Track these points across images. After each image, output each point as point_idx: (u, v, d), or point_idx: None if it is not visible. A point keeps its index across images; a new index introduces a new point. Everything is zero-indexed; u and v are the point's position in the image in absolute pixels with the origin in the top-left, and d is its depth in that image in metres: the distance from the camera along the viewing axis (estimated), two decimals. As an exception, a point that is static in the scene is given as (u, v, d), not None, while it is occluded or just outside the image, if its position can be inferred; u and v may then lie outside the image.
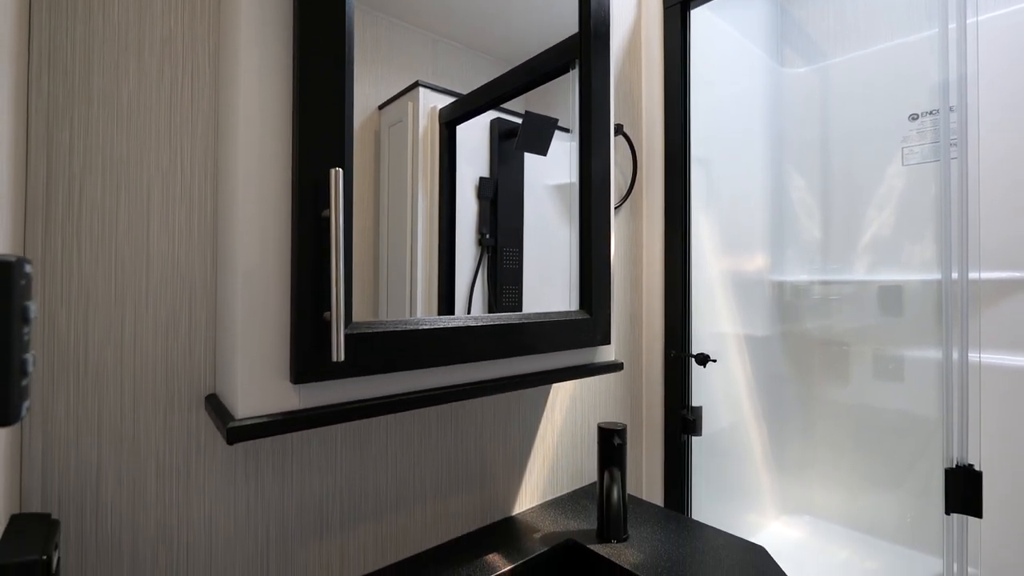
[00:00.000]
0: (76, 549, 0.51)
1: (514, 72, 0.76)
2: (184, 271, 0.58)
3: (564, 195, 0.83)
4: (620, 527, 0.76)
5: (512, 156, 0.77)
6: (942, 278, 1.18)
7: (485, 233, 0.73)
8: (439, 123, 0.69)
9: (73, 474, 0.51)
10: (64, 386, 0.51)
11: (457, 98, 0.70)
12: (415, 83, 0.67)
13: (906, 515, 1.41)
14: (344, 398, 0.55)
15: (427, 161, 0.68)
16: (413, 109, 0.67)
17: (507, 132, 0.76)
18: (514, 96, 0.77)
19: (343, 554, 0.70)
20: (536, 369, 0.75)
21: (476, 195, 0.72)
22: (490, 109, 0.74)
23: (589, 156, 0.81)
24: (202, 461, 0.59)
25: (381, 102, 0.63)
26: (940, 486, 0.92)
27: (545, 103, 0.80)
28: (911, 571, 1.30)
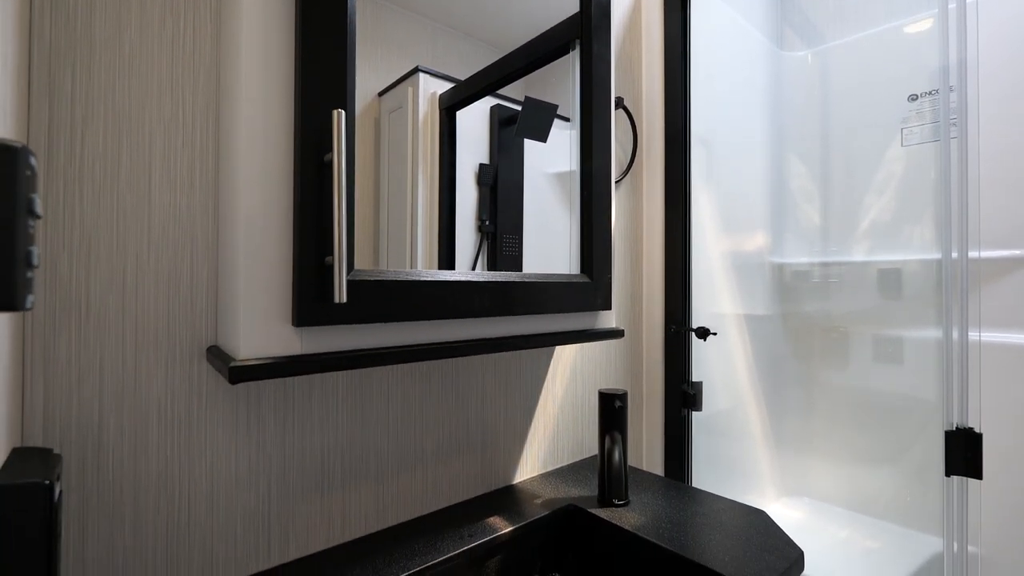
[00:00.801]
0: (78, 493, 0.51)
1: (514, 54, 0.76)
2: (186, 223, 0.58)
3: (564, 183, 0.83)
4: (621, 489, 0.76)
5: (512, 143, 0.77)
6: (942, 257, 1.18)
7: (485, 220, 0.73)
8: (439, 109, 0.69)
9: (75, 419, 0.51)
10: (66, 331, 0.51)
11: (457, 84, 0.70)
12: (415, 68, 0.67)
13: (906, 495, 1.41)
14: (346, 346, 0.55)
15: (427, 147, 0.67)
16: (413, 95, 0.67)
17: (507, 119, 0.77)
18: (514, 79, 0.77)
19: (344, 513, 0.70)
20: (537, 331, 0.75)
21: (476, 182, 0.72)
22: (490, 93, 0.74)
23: (590, 124, 0.81)
24: (204, 413, 0.59)
25: (381, 89, 0.63)
26: (940, 467, 0.93)
27: (544, 91, 0.80)
28: (911, 550, 1.30)
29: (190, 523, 0.58)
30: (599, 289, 0.81)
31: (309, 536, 0.67)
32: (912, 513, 1.40)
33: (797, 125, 1.68)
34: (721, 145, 1.41)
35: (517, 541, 0.75)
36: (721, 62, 1.44)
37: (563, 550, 0.80)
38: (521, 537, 0.75)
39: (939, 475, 0.95)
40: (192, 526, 0.58)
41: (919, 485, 1.39)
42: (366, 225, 0.60)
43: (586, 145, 0.81)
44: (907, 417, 1.43)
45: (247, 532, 0.62)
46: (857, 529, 1.41)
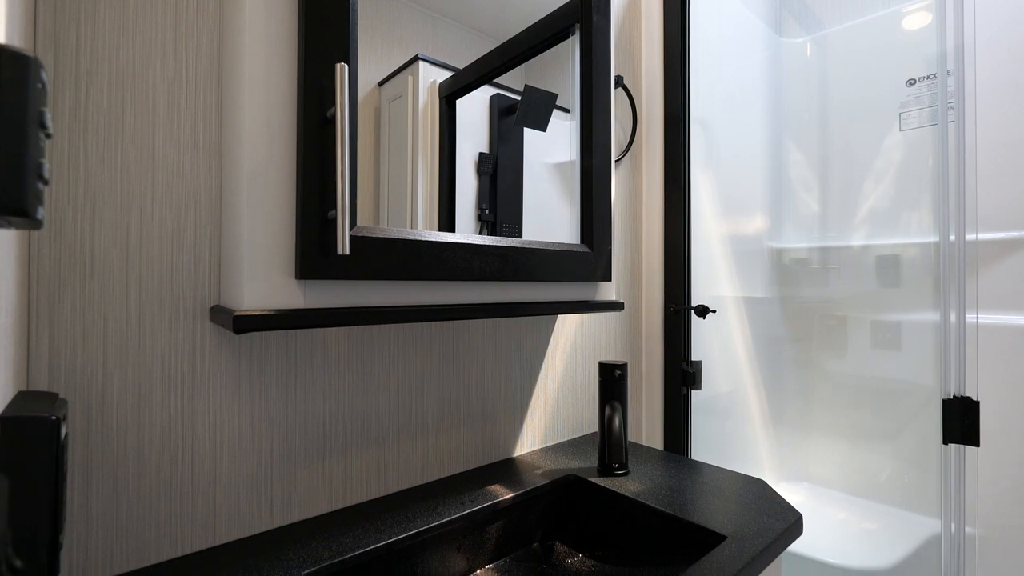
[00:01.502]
0: (83, 446, 0.52)
1: (514, 40, 0.76)
2: (189, 182, 0.58)
3: (563, 173, 0.83)
4: (621, 456, 0.77)
5: (511, 133, 0.77)
6: (939, 240, 1.19)
7: (485, 208, 0.73)
8: (439, 97, 0.69)
9: (79, 373, 0.52)
10: (70, 285, 0.51)
11: (457, 72, 0.71)
12: (415, 57, 0.67)
13: (904, 478, 1.42)
14: (347, 302, 0.55)
15: (427, 136, 0.68)
16: (413, 83, 0.67)
17: (507, 108, 0.77)
18: (514, 66, 0.77)
19: (346, 478, 0.70)
20: (537, 299, 0.75)
21: (476, 171, 0.73)
22: (490, 80, 0.74)
23: (590, 95, 0.82)
24: (206, 372, 0.59)
25: (381, 79, 0.63)
26: (938, 450, 0.93)
27: (544, 81, 0.81)
28: (910, 531, 1.31)
29: (193, 480, 0.58)
30: (599, 259, 0.81)
31: (311, 499, 0.67)
32: (910, 495, 1.41)
33: (796, 112, 1.68)
34: (720, 129, 1.42)
35: (517, 508, 0.75)
36: (720, 47, 1.44)
37: (564, 519, 0.80)
38: (522, 504, 0.76)
39: (937, 458, 0.96)
40: (195, 483, 0.58)
41: (917, 469, 1.40)
42: (366, 213, 0.61)
43: (586, 116, 0.82)
44: (905, 402, 1.43)
45: (250, 492, 0.62)
46: (855, 511, 1.42)
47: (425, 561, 0.65)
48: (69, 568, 0.51)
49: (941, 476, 0.86)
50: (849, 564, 1.16)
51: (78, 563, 0.51)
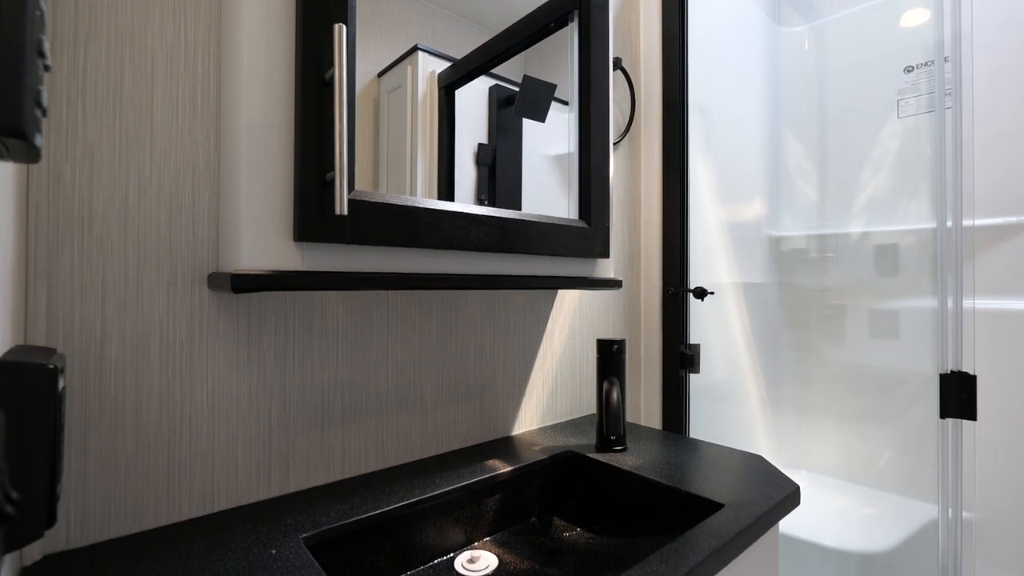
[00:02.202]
0: (80, 406, 0.52)
1: (513, 28, 0.76)
2: (188, 147, 0.58)
3: (562, 165, 0.83)
4: (619, 427, 0.77)
5: (511, 124, 0.77)
6: (937, 226, 1.19)
7: (483, 199, 0.73)
8: (438, 87, 0.69)
9: (77, 333, 0.52)
10: (69, 243, 0.51)
11: (456, 62, 0.70)
12: (414, 47, 0.67)
13: (903, 466, 1.42)
14: (345, 267, 0.55)
15: (426, 126, 0.68)
16: (412, 73, 0.67)
17: (505, 99, 0.77)
18: (513, 54, 0.77)
19: (344, 450, 0.70)
20: (535, 272, 0.75)
21: (475, 161, 0.72)
22: (489, 69, 0.74)
23: (589, 70, 0.82)
24: (205, 338, 0.59)
25: (380, 70, 0.63)
26: (936, 434, 0.93)
27: (543, 72, 0.81)
28: (908, 516, 1.31)
29: (191, 445, 0.58)
30: (597, 235, 0.81)
31: (309, 469, 0.67)
32: (908, 482, 1.41)
33: (794, 100, 1.68)
34: (718, 116, 1.42)
35: (515, 482, 0.75)
36: (719, 35, 1.45)
37: (562, 494, 0.80)
38: (520, 479, 0.76)
39: (935, 438, 0.96)
40: (193, 448, 0.58)
41: (916, 455, 1.40)
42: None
43: (584, 92, 0.82)
44: (903, 389, 1.44)
45: (248, 460, 0.62)
46: (854, 498, 1.42)
47: (423, 531, 0.65)
48: (67, 530, 0.51)
49: (938, 450, 0.86)
50: (848, 547, 1.16)
51: (76, 525, 0.51)
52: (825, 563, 1.17)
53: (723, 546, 0.53)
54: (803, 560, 1.20)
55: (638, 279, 1.19)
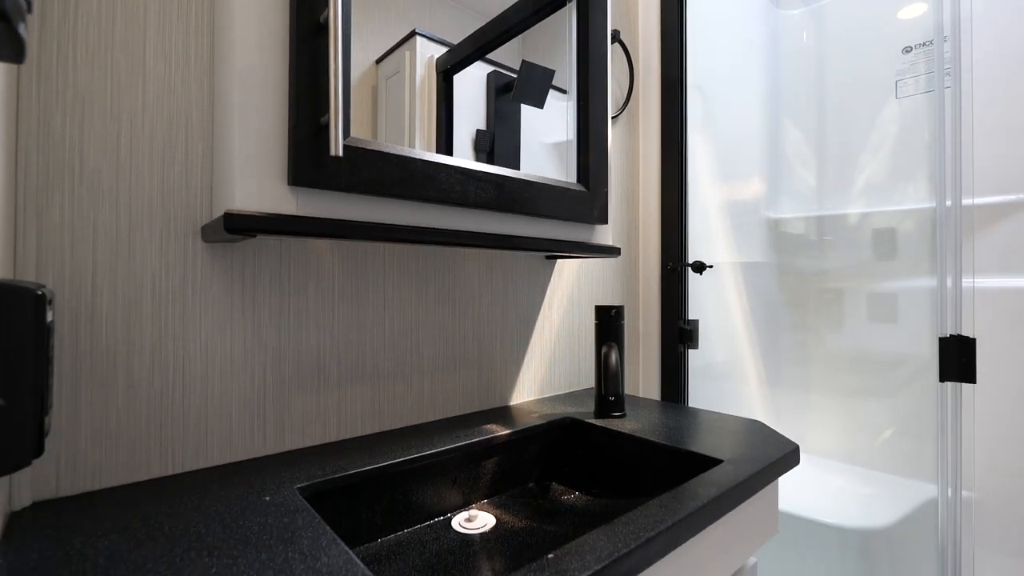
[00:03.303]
0: (71, 356, 0.51)
1: (512, 9, 0.75)
2: (180, 98, 0.57)
3: (561, 153, 0.82)
4: (618, 387, 0.76)
5: (509, 111, 0.76)
6: (936, 205, 1.19)
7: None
8: (436, 72, 0.68)
9: (68, 280, 0.51)
10: (59, 190, 0.51)
11: (454, 46, 0.70)
12: (412, 32, 0.66)
13: (901, 446, 1.42)
14: (340, 214, 0.55)
15: (424, 112, 0.67)
16: (410, 59, 0.67)
17: (504, 86, 0.76)
18: (511, 36, 0.76)
19: (340, 412, 0.70)
20: (533, 234, 0.75)
21: (473, 148, 0.72)
22: (488, 52, 0.73)
23: (587, 34, 0.81)
24: (198, 292, 0.58)
25: (378, 56, 0.63)
26: (934, 416, 0.93)
27: (541, 60, 0.80)
28: (906, 496, 1.30)
29: (184, 399, 0.57)
30: (596, 200, 0.81)
31: (305, 429, 0.66)
32: (908, 463, 1.41)
33: (793, 82, 1.68)
34: (717, 97, 1.41)
35: (514, 446, 0.74)
36: (718, 17, 1.44)
37: (560, 460, 0.80)
38: (518, 443, 0.75)
39: (934, 421, 0.96)
40: (187, 403, 0.57)
41: (915, 438, 1.40)
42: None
43: (583, 56, 0.81)
44: (902, 371, 1.43)
45: (242, 417, 0.61)
46: (853, 478, 1.42)
47: (420, 490, 0.64)
48: (57, 478, 0.50)
49: (937, 415, 0.85)
50: (847, 524, 1.15)
51: (66, 473, 0.51)
52: (825, 540, 1.17)
53: (722, 494, 0.52)
54: (802, 537, 1.20)
55: (636, 254, 1.18)
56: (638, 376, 1.17)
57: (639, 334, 1.17)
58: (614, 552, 0.40)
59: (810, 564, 1.20)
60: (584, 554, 0.40)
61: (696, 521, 0.49)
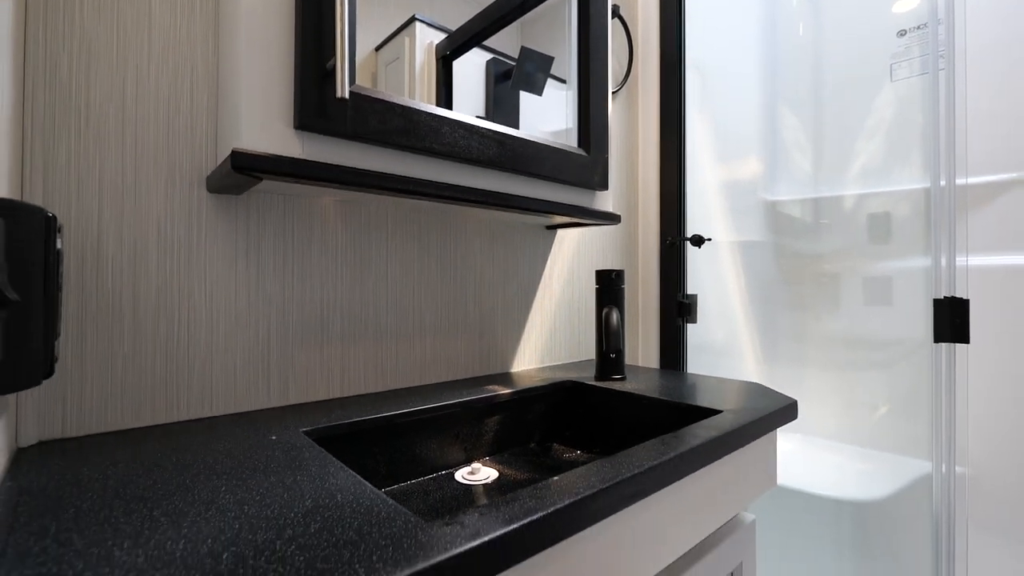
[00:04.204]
0: (77, 295, 0.51)
1: None
2: (186, 48, 0.58)
3: (560, 141, 0.82)
4: (619, 343, 0.76)
5: (508, 99, 0.76)
6: (930, 185, 1.21)
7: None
8: (436, 58, 0.69)
9: (73, 222, 0.51)
10: (66, 132, 0.51)
11: (453, 32, 0.70)
12: (412, 18, 0.67)
13: (897, 425, 1.43)
14: (345, 161, 0.55)
15: (424, 99, 0.67)
16: (410, 45, 0.67)
17: (503, 74, 0.77)
18: (510, 20, 0.76)
19: (343, 369, 0.70)
20: (535, 195, 0.75)
21: None
22: (487, 37, 0.73)
23: (587, 4, 0.82)
24: (203, 242, 0.59)
25: (377, 44, 0.63)
26: (929, 394, 0.94)
27: (540, 48, 0.80)
28: (900, 472, 1.32)
29: (189, 347, 0.58)
30: (596, 165, 0.82)
31: (309, 384, 0.67)
32: (903, 441, 1.42)
33: (790, 66, 1.70)
34: (716, 78, 1.43)
35: (516, 405, 0.75)
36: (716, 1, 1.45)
37: (561, 422, 0.80)
38: (520, 403, 0.76)
39: (928, 404, 0.98)
40: (192, 351, 0.58)
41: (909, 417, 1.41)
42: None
43: (583, 21, 0.82)
44: (897, 351, 1.45)
45: (246, 368, 0.62)
46: (849, 456, 1.43)
47: (424, 444, 0.65)
48: (63, 420, 0.50)
49: (932, 376, 0.87)
50: (842, 496, 1.17)
51: (72, 414, 0.51)
52: (821, 512, 1.18)
53: (721, 435, 0.53)
54: (798, 510, 1.21)
55: (635, 229, 1.19)
56: (637, 349, 1.17)
57: (639, 308, 1.18)
58: (617, 476, 0.41)
59: (807, 536, 1.21)
60: (589, 476, 0.41)
61: (695, 457, 0.50)
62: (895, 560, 1.17)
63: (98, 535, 0.31)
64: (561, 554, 0.38)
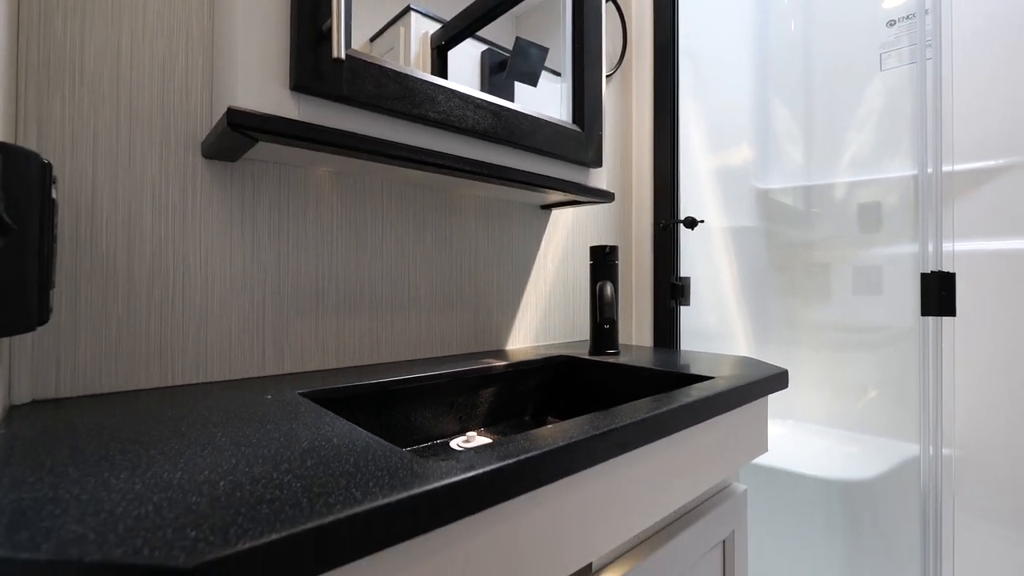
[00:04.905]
0: (71, 255, 0.51)
1: None
2: (181, 10, 0.58)
3: (554, 117, 0.82)
4: (613, 312, 0.77)
5: (503, 90, 0.77)
6: (918, 173, 1.22)
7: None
8: (430, 48, 0.69)
9: (67, 180, 0.51)
10: (60, 88, 0.51)
11: (448, 22, 0.70)
12: (407, 7, 0.67)
13: (886, 409, 1.46)
14: (340, 125, 0.55)
15: None
16: (405, 35, 0.67)
17: (498, 64, 0.77)
18: (506, 8, 0.76)
19: (339, 340, 0.70)
20: (530, 169, 0.76)
21: None
22: (482, 27, 0.74)
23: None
24: (198, 207, 0.59)
25: (372, 34, 0.63)
26: (917, 378, 0.96)
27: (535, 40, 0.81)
28: (888, 454, 1.34)
29: (184, 312, 0.58)
30: (591, 142, 0.82)
31: (304, 354, 0.67)
32: (891, 425, 1.44)
33: (781, 56, 1.72)
34: (708, 65, 1.44)
35: (510, 377, 0.76)
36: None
37: (556, 397, 0.81)
38: (515, 375, 0.76)
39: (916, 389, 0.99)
40: (186, 315, 0.58)
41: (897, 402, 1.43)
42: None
43: (578, 5, 0.82)
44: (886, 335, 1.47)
45: (241, 335, 0.62)
46: (839, 440, 1.45)
47: (419, 412, 0.65)
48: (57, 380, 0.50)
49: (919, 349, 0.88)
50: (831, 476, 1.18)
51: (66, 374, 0.51)
52: (809, 492, 1.19)
53: (712, 395, 0.54)
54: (788, 489, 1.23)
55: (629, 212, 1.20)
56: (631, 332, 1.18)
57: (632, 290, 1.19)
58: (611, 424, 0.42)
59: (797, 515, 1.22)
60: (583, 424, 0.42)
61: (686, 414, 0.50)
62: (883, 538, 1.19)
63: (94, 469, 0.31)
64: (554, 495, 0.38)
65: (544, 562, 0.37)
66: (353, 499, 0.27)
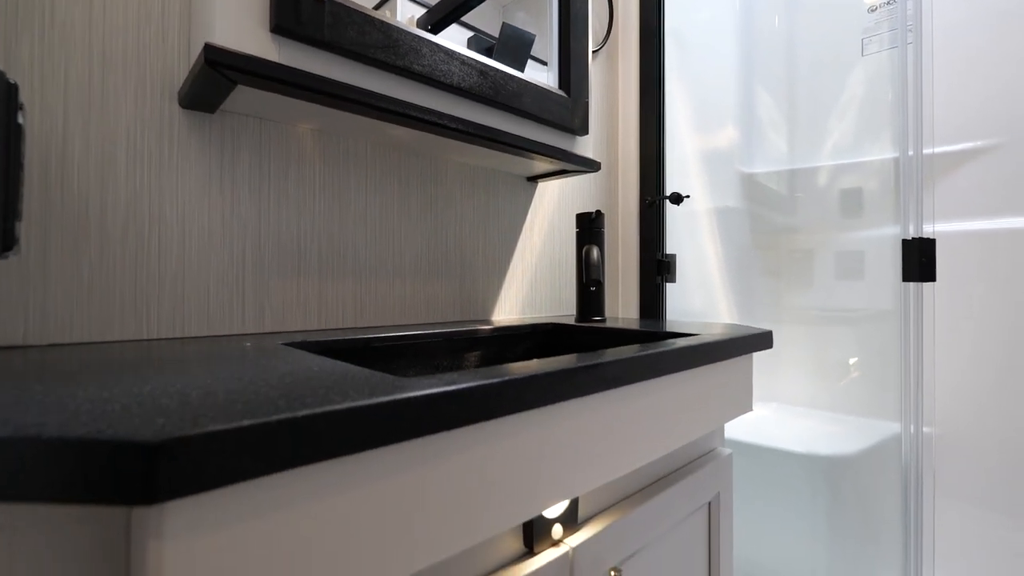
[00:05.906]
0: (40, 199, 0.49)
1: None
2: (157, -44, 0.56)
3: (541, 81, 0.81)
4: (599, 274, 0.77)
5: None
6: (899, 155, 1.24)
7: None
8: None
9: (37, 122, 0.49)
10: (28, 32, 0.49)
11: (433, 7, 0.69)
12: None
13: (868, 390, 1.48)
14: (322, 72, 0.54)
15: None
16: (391, 19, 0.66)
17: (484, 51, 0.76)
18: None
19: (321, 303, 0.69)
20: (517, 131, 0.75)
21: None
22: (468, 10, 0.73)
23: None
24: (175, 157, 0.57)
25: None
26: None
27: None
28: (869, 433, 1.36)
29: (160, 263, 0.56)
30: (577, 109, 0.82)
31: (285, 314, 0.66)
32: (874, 406, 1.47)
33: (765, 42, 1.73)
34: (694, 48, 1.45)
35: (497, 342, 0.75)
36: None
37: (541, 364, 0.81)
38: (502, 340, 0.76)
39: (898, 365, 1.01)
40: (162, 264, 0.56)
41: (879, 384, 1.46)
42: None
43: (565, -33, 0.82)
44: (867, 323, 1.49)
45: (220, 292, 0.60)
46: (822, 420, 1.47)
47: (403, 372, 0.64)
48: (25, 327, 0.49)
49: (900, 315, 0.89)
50: (814, 451, 1.20)
51: (35, 321, 0.49)
52: (793, 467, 1.21)
53: (699, 345, 0.54)
54: (771, 466, 1.24)
55: (615, 189, 1.20)
56: (617, 307, 1.19)
57: (618, 267, 1.19)
58: (597, 360, 0.41)
59: (780, 490, 1.24)
60: (572, 359, 0.41)
61: (673, 358, 0.50)
62: (864, 511, 1.21)
63: (62, 386, 0.30)
64: (538, 422, 0.38)
65: (525, 488, 0.37)
66: (331, 402, 0.26)
